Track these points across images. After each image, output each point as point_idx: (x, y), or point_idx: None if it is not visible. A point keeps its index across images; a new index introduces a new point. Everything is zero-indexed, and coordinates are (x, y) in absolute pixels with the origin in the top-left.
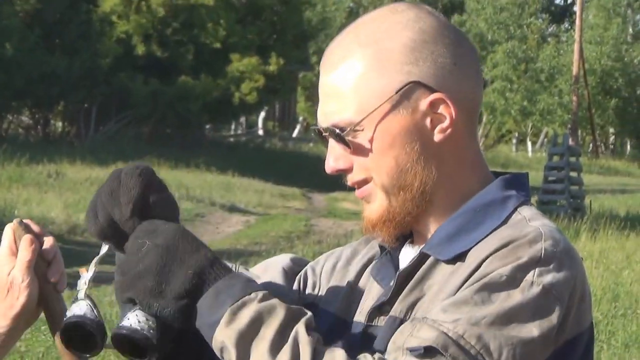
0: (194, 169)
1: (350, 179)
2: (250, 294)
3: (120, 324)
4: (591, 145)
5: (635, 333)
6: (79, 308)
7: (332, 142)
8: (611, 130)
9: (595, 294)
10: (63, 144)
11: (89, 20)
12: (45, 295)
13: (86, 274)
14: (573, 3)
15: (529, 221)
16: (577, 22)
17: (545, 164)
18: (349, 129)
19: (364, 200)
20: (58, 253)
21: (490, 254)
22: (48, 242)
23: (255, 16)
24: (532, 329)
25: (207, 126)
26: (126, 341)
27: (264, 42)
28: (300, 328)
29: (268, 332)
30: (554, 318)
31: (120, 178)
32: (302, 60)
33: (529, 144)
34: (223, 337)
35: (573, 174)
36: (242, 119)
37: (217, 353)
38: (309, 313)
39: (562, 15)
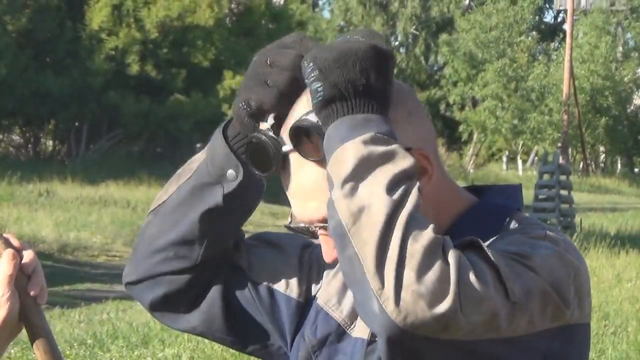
0: None
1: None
2: (393, 143)
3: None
4: (581, 163)
5: (626, 351)
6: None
7: (323, 233)
8: (601, 148)
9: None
10: (54, 162)
11: (77, 37)
12: (25, 308)
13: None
14: (563, 21)
15: (528, 225)
16: (568, 40)
17: (536, 182)
18: None
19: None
20: (38, 266)
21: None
22: (28, 256)
23: (246, 34)
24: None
25: (198, 145)
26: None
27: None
28: (414, 189)
29: (391, 170)
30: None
31: (276, 46)
32: None
33: (520, 162)
34: (351, 150)
35: (563, 192)
36: None
37: (332, 163)
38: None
39: (552, 33)
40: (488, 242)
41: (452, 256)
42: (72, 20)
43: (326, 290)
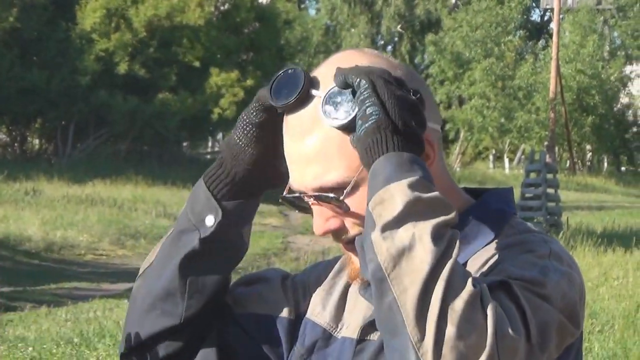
0: (171, 186)
1: (344, 237)
2: (435, 189)
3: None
4: (568, 162)
5: (612, 350)
6: None
7: (315, 203)
8: (588, 147)
9: None
10: (40, 161)
11: (67, 37)
12: None
13: None
14: (550, 20)
15: (526, 232)
16: (554, 39)
17: (523, 180)
18: (342, 189)
19: (351, 253)
20: None
21: (494, 255)
22: None
23: (234, 33)
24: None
25: (185, 143)
26: None
27: (242, 59)
28: (457, 240)
29: (437, 219)
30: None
31: None
32: None
33: (506, 160)
34: (397, 192)
35: (550, 190)
36: (219, 136)
37: (375, 202)
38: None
39: (539, 32)
40: (495, 258)
41: (490, 308)
42: (62, 20)
43: (313, 302)
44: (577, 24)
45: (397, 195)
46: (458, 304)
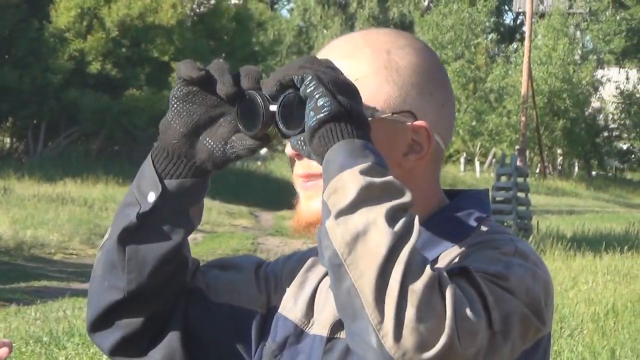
0: None
1: (307, 169)
2: (388, 174)
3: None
4: (539, 166)
5: (582, 354)
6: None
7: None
8: (559, 151)
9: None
10: (11, 159)
11: (40, 36)
12: None
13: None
14: (522, 23)
15: (495, 233)
16: (526, 42)
17: (493, 184)
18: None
19: (306, 196)
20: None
21: (461, 253)
22: (3, 352)
23: (207, 35)
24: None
25: (155, 144)
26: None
27: (210, 56)
28: (415, 223)
29: (391, 203)
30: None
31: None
32: None
33: (477, 164)
34: (350, 179)
35: (521, 194)
36: None
37: (329, 191)
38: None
39: (511, 35)
40: (460, 255)
41: (449, 291)
42: (35, 19)
43: (285, 297)
44: (550, 27)
45: (350, 182)
46: (417, 286)
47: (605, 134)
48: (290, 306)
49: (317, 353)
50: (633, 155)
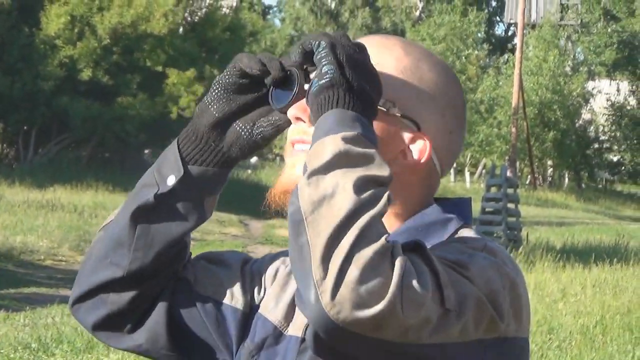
0: None
1: (302, 135)
2: (373, 147)
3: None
4: (529, 177)
5: None
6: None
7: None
8: (549, 162)
9: (530, 326)
10: (1, 165)
11: (31, 42)
12: None
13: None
14: (513, 34)
15: (470, 237)
16: (517, 54)
17: (483, 195)
18: None
19: (290, 163)
20: None
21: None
22: None
23: (199, 43)
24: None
25: (146, 151)
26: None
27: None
28: (384, 197)
29: (365, 172)
30: (497, 288)
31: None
32: None
33: (467, 174)
34: (330, 143)
35: (510, 205)
36: None
37: (310, 153)
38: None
39: (502, 46)
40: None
41: (398, 261)
42: (26, 25)
43: (266, 297)
44: (541, 38)
45: (329, 146)
46: (366, 252)
47: (596, 145)
48: (272, 307)
49: (292, 354)
50: (623, 168)
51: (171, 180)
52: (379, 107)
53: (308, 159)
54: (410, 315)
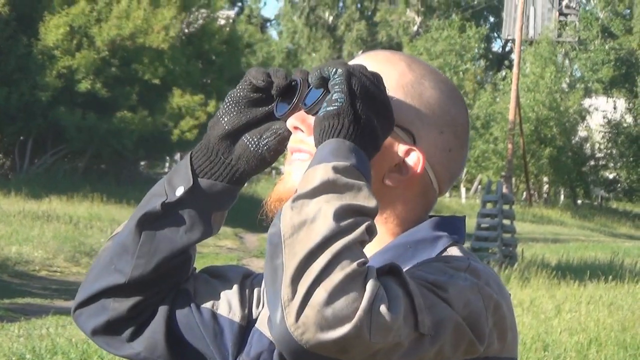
0: (127, 205)
1: (299, 144)
2: (364, 180)
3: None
4: (525, 193)
5: None
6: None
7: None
8: (545, 179)
9: (525, 343)
10: None
11: (29, 53)
12: None
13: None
14: (511, 50)
15: (458, 256)
16: (515, 70)
17: (478, 211)
18: None
19: (287, 172)
20: None
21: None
22: None
23: (197, 56)
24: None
25: (142, 163)
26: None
27: (204, 82)
28: (363, 226)
29: (348, 201)
30: (478, 310)
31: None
32: None
33: (463, 190)
34: (321, 172)
35: (506, 221)
36: (177, 156)
37: (302, 179)
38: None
39: (500, 62)
40: (407, 268)
41: (369, 285)
42: (24, 35)
43: (264, 312)
44: (538, 55)
45: (319, 173)
46: (337, 275)
47: (592, 163)
48: (268, 322)
49: None
50: (619, 185)
51: (180, 191)
52: None
53: (299, 184)
54: (377, 340)
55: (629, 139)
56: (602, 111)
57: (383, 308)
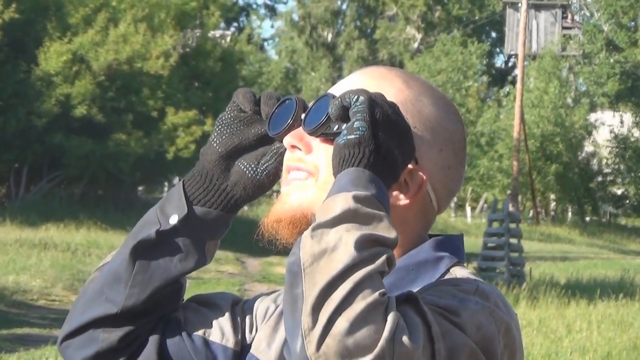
0: (125, 231)
1: (297, 162)
2: (384, 211)
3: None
4: (531, 211)
5: None
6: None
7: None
8: (552, 196)
9: None
10: None
11: (26, 79)
12: None
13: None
14: (514, 66)
15: (463, 277)
16: (518, 85)
17: (485, 230)
18: None
19: (285, 192)
20: None
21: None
22: None
23: (194, 77)
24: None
25: (140, 188)
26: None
27: (202, 101)
28: (384, 257)
29: (370, 231)
30: (491, 333)
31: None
32: None
33: (468, 209)
34: (341, 201)
35: (513, 240)
36: (175, 180)
37: (321, 207)
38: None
39: (503, 78)
40: (420, 289)
41: (391, 316)
42: (22, 61)
43: (258, 337)
44: (542, 69)
45: (340, 202)
46: (359, 305)
47: (599, 178)
48: (263, 348)
49: None
50: (627, 201)
51: (174, 219)
52: None
53: (318, 213)
54: None
55: (637, 154)
56: (609, 126)
57: (405, 338)
